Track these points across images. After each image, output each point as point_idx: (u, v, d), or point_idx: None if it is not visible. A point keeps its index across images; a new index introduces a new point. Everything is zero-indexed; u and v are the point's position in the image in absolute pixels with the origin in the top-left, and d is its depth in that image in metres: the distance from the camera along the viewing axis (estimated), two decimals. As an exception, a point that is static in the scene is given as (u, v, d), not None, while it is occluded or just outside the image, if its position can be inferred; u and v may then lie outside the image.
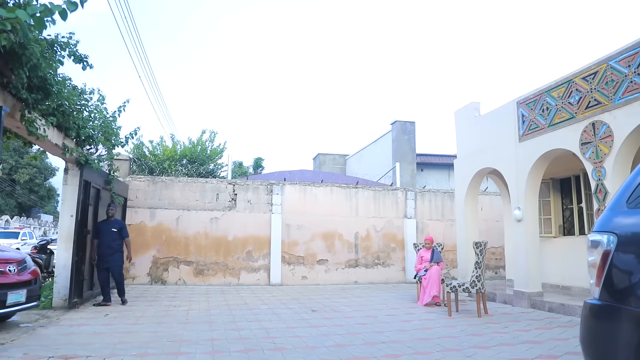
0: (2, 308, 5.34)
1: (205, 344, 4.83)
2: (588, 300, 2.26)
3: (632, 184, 2.32)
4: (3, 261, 5.60)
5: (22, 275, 5.73)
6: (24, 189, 41.16)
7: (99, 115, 7.72)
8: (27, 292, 5.72)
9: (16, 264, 5.75)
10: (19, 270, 5.73)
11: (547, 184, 9.59)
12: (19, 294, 5.60)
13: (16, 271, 5.67)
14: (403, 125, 18.09)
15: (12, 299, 5.47)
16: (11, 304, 5.46)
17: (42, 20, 4.21)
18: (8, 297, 5.40)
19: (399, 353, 4.48)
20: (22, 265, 5.87)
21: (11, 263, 5.68)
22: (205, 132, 19.04)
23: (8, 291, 5.42)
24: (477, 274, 6.97)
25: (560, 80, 7.26)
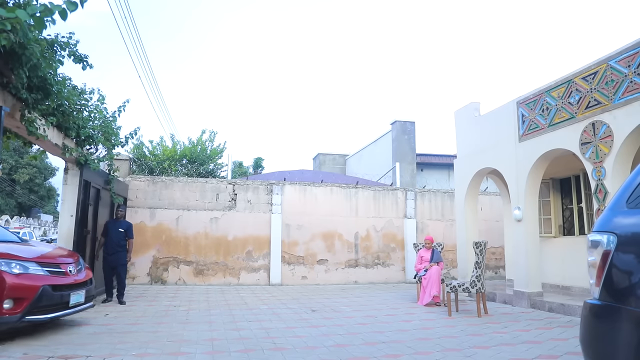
0: (65, 309, 5.32)
1: (205, 343, 4.83)
2: (588, 300, 2.26)
3: (632, 184, 2.32)
4: (63, 262, 5.55)
5: (79, 275, 5.67)
6: (24, 188, 41.17)
7: (99, 115, 7.73)
8: (85, 292, 5.70)
9: (74, 264, 5.69)
10: (77, 270, 5.68)
11: (547, 184, 9.59)
12: (80, 295, 5.58)
13: (75, 271, 5.61)
14: (403, 125, 18.09)
15: (74, 300, 5.46)
16: (73, 304, 5.44)
17: (42, 20, 4.22)
18: (71, 297, 5.38)
19: (399, 353, 4.48)
20: (79, 265, 5.84)
21: (70, 263, 5.61)
22: (205, 132, 19.05)
23: (70, 292, 5.39)
24: (477, 274, 6.97)
25: (560, 80, 7.26)
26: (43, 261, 5.26)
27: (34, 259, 5.19)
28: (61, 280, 5.28)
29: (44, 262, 5.26)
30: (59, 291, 5.20)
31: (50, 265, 5.28)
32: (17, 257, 5.03)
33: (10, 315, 4.68)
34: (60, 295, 5.23)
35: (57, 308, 5.20)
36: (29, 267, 5.02)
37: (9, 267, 4.84)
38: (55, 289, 5.13)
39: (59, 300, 5.22)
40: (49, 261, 5.33)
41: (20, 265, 4.96)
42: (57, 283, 5.18)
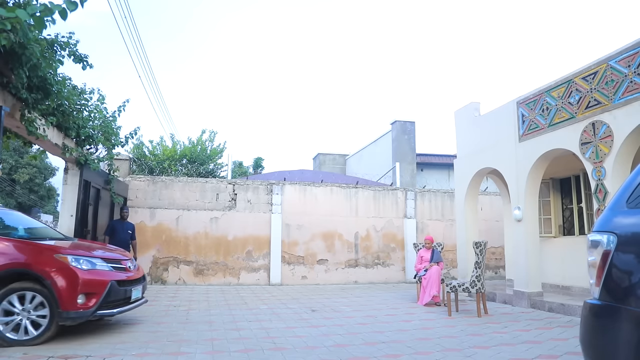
0: (128, 304, 5.43)
1: (205, 343, 4.83)
2: (588, 300, 2.26)
3: (632, 184, 2.32)
4: (122, 258, 5.66)
5: (136, 271, 5.80)
6: (23, 188, 41.15)
7: (99, 115, 7.74)
8: (142, 287, 5.82)
9: (130, 261, 5.80)
10: (133, 266, 5.82)
11: (547, 184, 9.59)
12: (138, 290, 5.71)
13: (132, 267, 5.74)
14: (403, 125, 18.09)
15: (134, 295, 5.58)
16: (134, 299, 5.56)
17: (42, 20, 4.22)
18: (132, 293, 5.50)
19: (399, 353, 4.48)
20: (133, 261, 5.96)
21: (127, 259, 5.73)
22: (205, 132, 19.05)
23: (132, 287, 5.51)
24: (477, 274, 6.97)
25: (560, 80, 7.25)
26: (106, 257, 5.40)
27: (98, 255, 5.32)
28: (123, 276, 5.40)
29: (108, 258, 5.40)
30: (123, 286, 5.33)
31: (113, 262, 5.41)
32: (84, 254, 5.17)
33: (84, 310, 4.85)
34: (124, 290, 5.36)
35: (122, 303, 5.35)
36: (96, 263, 5.15)
37: (79, 263, 4.96)
38: (120, 284, 5.27)
39: (123, 296, 5.35)
40: (111, 257, 5.48)
41: (88, 261, 5.08)
42: (120, 279, 5.31)
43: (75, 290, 4.82)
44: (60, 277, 4.78)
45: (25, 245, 5.00)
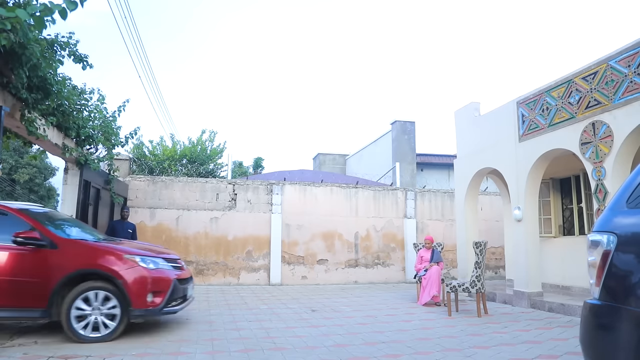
0: (184, 301, 5.64)
1: (205, 343, 4.83)
2: (588, 300, 2.26)
3: (632, 184, 2.32)
4: (177, 257, 5.87)
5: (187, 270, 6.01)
6: (23, 188, 41.15)
7: (99, 115, 7.74)
8: (192, 285, 6.04)
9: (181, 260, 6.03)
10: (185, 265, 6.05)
11: (547, 184, 9.59)
12: (191, 288, 5.96)
13: (185, 266, 5.98)
14: (403, 125, 18.09)
15: (189, 293, 5.86)
16: (189, 297, 5.84)
17: (42, 20, 4.22)
18: (188, 290, 5.75)
19: (399, 353, 4.48)
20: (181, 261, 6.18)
21: (180, 259, 5.93)
22: (205, 132, 19.06)
23: (187, 285, 5.73)
24: (477, 274, 6.97)
25: (560, 80, 7.26)
26: (166, 257, 5.62)
27: (159, 255, 5.54)
28: (181, 275, 5.62)
29: (167, 257, 5.62)
30: (182, 284, 5.55)
31: (171, 261, 5.63)
32: (149, 254, 5.40)
33: (153, 308, 5.12)
34: (184, 288, 5.60)
35: (181, 301, 5.56)
36: (159, 263, 5.39)
37: (146, 263, 5.22)
38: (179, 282, 5.50)
39: (182, 293, 5.57)
40: (169, 257, 5.69)
41: (153, 261, 5.32)
42: (180, 277, 5.53)
43: (145, 289, 5.10)
44: (131, 276, 5.04)
45: (95, 247, 5.29)
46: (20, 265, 4.89)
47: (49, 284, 4.86)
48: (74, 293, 4.86)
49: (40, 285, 4.86)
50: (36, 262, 4.92)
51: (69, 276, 4.92)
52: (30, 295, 4.85)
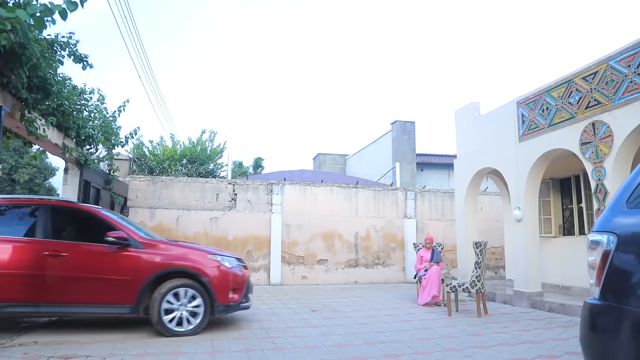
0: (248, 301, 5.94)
1: (205, 343, 4.83)
2: (588, 300, 2.26)
3: (632, 184, 2.33)
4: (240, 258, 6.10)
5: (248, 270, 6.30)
6: (24, 188, 41.13)
7: (99, 115, 7.74)
8: None
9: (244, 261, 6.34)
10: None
11: (547, 184, 9.59)
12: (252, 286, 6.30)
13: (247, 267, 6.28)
14: (403, 125, 18.09)
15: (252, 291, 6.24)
16: None
17: (42, 20, 4.22)
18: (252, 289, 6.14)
19: (399, 353, 4.48)
20: None
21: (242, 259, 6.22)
22: (205, 132, 19.08)
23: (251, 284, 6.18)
24: (477, 274, 6.97)
25: (560, 80, 7.26)
26: (235, 257, 5.96)
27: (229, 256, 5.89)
28: (249, 274, 6.06)
29: (236, 257, 5.96)
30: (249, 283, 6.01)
31: (239, 261, 5.96)
32: (226, 254, 5.84)
33: (233, 304, 5.57)
34: (251, 286, 6.09)
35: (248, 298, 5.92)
36: (234, 262, 5.78)
37: (225, 262, 5.65)
38: None
39: (250, 291, 5.98)
40: (237, 257, 6.01)
41: (229, 260, 5.74)
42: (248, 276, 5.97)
43: (228, 286, 5.54)
44: (216, 275, 5.48)
45: (181, 246, 5.73)
46: (110, 265, 5.22)
47: (139, 281, 5.19)
48: (166, 289, 5.22)
49: (130, 283, 5.19)
50: (125, 262, 5.24)
51: (157, 274, 5.26)
52: (120, 293, 5.17)
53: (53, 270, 5.06)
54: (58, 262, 5.08)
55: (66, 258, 5.12)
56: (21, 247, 5.11)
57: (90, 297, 5.15)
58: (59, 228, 5.38)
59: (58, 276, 5.07)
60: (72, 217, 5.59)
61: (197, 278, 5.37)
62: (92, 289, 5.15)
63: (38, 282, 5.02)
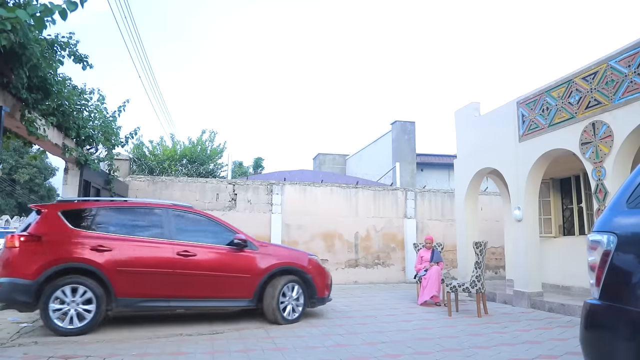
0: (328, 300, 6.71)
1: (205, 343, 4.83)
2: (588, 300, 2.26)
3: (632, 184, 2.33)
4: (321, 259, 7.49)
5: None
6: (24, 188, 41.12)
7: (99, 115, 7.73)
8: None
9: None
10: None
11: (547, 184, 9.59)
12: None
13: None
14: (403, 125, 18.09)
15: None
16: None
17: (42, 20, 4.22)
18: None
19: (399, 353, 4.48)
20: None
21: None
22: (205, 132, 19.06)
23: None
24: (477, 274, 6.97)
25: (560, 80, 7.25)
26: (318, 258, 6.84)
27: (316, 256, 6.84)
28: None
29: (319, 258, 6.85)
30: None
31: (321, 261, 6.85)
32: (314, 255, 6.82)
33: (326, 297, 6.54)
34: None
35: None
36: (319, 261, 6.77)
37: (319, 262, 6.70)
38: None
39: None
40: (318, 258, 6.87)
41: (319, 260, 6.74)
42: None
43: (324, 282, 6.52)
44: (316, 272, 6.46)
45: (287, 248, 6.95)
46: (232, 263, 5.95)
47: (256, 278, 5.98)
48: (281, 284, 6.04)
49: (249, 279, 5.96)
50: (244, 261, 6.01)
51: (272, 272, 6.07)
52: (240, 288, 5.92)
53: (183, 268, 5.64)
54: (188, 261, 5.69)
55: (194, 258, 5.74)
56: (156, 248, 5.65)
57: (214, 292, 5.84)
58: (185, 230, 5.99)
59: (187, 274, 5.66)
60: (194, 220, 6.24)
61: (302, 275, 6.27)
62: (216, 285, 5.82)
63: (170, 279, 5.58)
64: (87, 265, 5.26)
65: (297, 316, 6.17)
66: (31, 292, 5.02)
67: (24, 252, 5.16)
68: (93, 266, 5.27)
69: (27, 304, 5.11)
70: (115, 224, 5.72)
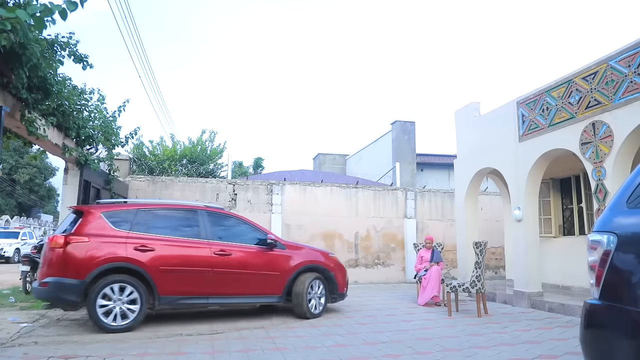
0: None
1: (206, 343, 4.83)
2: (588, 300, 2.26)
3: (632, 184, 2.33)
4: None
5: None
6: (24, 189, 41.12)
7: (99, 115, 7.73)
8: None
9: None
10: None
11: (547, 184, 9.58)
12: None
13: None
14: (403, 125, 18.09)
15: None
16: None
17: (42, 20, 4.22)
18: None
19: (399, 353, 4.48)
20: None
21: None
22: (205, 132, 19.05)
23: None
24: (477, 274, 6.97)
25: (560, 80, 7.25)
26: None
27: None
28: None
29: None
30: None
31: None
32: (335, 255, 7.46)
33: (344, 293, 7.15)
34: None
35: None
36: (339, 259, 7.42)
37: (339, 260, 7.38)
38: None
39: None
40: None
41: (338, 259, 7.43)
42: None
43: (344, 279, 7.11)
44: (338, 270, 7.02)
45: (311, 248, 7.24)
46: (263, 262, 6.31)
47: (285, 276, 6.38)
48: (308, 281, 6.46)
49: (279, 277, 6.34)
50: (274, 260, 6.39)
51: (299, 270, 6.50)
52: (271, 285, 6.31)
53: (220, 267, 5.94)
54: (224, 260, 6.00)
55: (230, 257, 6.06)
56: (194, 248, 5.92)
57: (249, 290, 6.19)
58: (218, 231, 6.27)
59: (223, 272, 5.97)
60: (225, 221, 6.54)
61: (325, 273, 6.75)
62: (250, 283, 6.17)
63: (208, 277, 5.86)
64: (132, 264, 5.46)
65: (320, 310, 6.55)
66: (79, 291, 5.20)
67: (71, 253, 5.30)
68: (138, 266, 5.47)
69: (74, 302, 5.32)
70: (154, 225, 5.91)
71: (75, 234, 5.39)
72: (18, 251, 19.24)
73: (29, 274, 8.65)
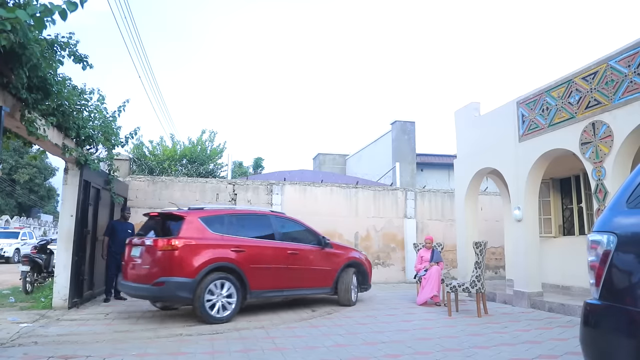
0: None
1: (205, 343, 4.83)
2: (588, 300, 2.26)
3: (632, 184, 2.33)
4: None
5: None
6: (24, 189, 41.12)
7: (99, 115, 7.71)
8: None
9: None
10: None
11: (547, 184, 9.58)
12: None
13: None
14: (403, 125, 18.08)
15: None
16: None
17: (42, 20, 4.21)
18: None
19: (399, 353, 4.48)
20: None
21: None
22: (205, 132, 19.04)
23: None
24: (477, 274, 6.97)
25: (560, 80, 7.25)
26: None
27: None
28: None
29: None
30: None
31: None
32: None
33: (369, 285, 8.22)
34: None
35: None
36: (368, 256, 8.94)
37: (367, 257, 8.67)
38: None
39: None
40: None
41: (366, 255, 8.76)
42: None
43: (370, 272, 8.26)
44: (366, 265, 8.16)
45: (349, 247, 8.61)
46: (320, 259, 7.39)
47: (335, 270, 7.51)
48: (351, 275, 7.66)
49: (331, 272, 7.46)
50: (327, 257, 7.49)
51: (344, 265, 7.64)
52: (326, 278, 7.42)
53: (293, 264, 6.93)
54: (295, 258, 6.99)
55: (299, 255, 7.05)
56: (275, 248, 6.84)
57: (311, 283, 7.24)
58: (285, 233, 7.23)
59: (295, 268, 6.94)
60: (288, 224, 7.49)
61: (360, 268, 7.93)
62: (312, 277, 7.23)
63: (284, 273, 6.82)
64: (232, 264, 6.24)
65: (356, 299, 7.80)
66: (192, 289, 5.83)
67: (181, 255, 5.89)
68: (236, 265, 6.26)
69: (187, 299, 5.93)
70: (238, 228, 6.68)
71: (182, 237, 5.97)
72: (18, 251, 19.24)
73: (29, 274, 8.65)
